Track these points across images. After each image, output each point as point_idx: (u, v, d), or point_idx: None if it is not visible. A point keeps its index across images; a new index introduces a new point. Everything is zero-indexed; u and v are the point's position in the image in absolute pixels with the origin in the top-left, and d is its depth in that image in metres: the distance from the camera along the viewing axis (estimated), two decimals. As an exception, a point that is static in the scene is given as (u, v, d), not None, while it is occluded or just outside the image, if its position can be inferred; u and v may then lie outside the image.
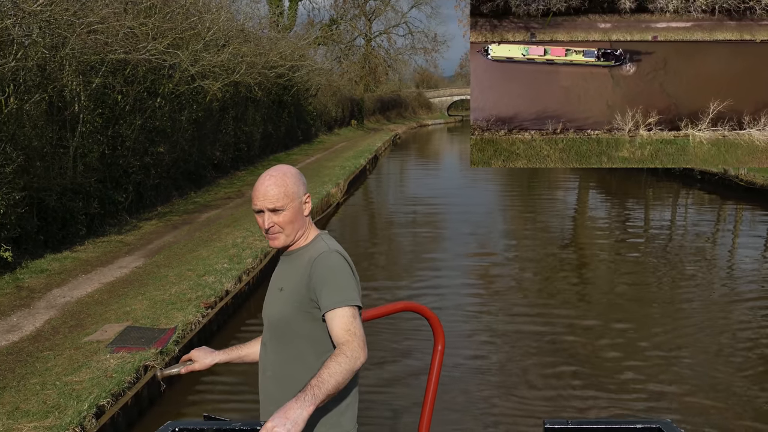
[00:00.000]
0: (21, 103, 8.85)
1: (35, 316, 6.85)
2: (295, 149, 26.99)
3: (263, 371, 2.29)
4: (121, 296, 7.39)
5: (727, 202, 16.04)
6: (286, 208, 2.17)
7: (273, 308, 2.25)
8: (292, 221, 2.20)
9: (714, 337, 7.01)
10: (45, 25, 8.53)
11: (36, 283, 7.97)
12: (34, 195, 9.26)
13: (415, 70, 62.63)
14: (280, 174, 2.20)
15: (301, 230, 2.25)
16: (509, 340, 7.04)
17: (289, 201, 2.18)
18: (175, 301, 7.00)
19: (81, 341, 5.92)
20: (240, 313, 7.75)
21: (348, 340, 1.99)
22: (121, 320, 6.45)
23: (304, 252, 2.24)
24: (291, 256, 2.27)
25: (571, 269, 10.21)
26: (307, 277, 2.13)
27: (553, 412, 5.27)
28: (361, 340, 2.00)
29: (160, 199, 13.91)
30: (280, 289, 2.24)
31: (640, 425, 2.59)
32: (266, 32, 23.40)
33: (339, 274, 2.11)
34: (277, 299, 2.24)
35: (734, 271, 9.93)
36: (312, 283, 2.11)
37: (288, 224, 2.19)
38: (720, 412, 5.41)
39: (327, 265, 2.12)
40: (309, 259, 2.17)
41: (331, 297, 2.07)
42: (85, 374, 5.15)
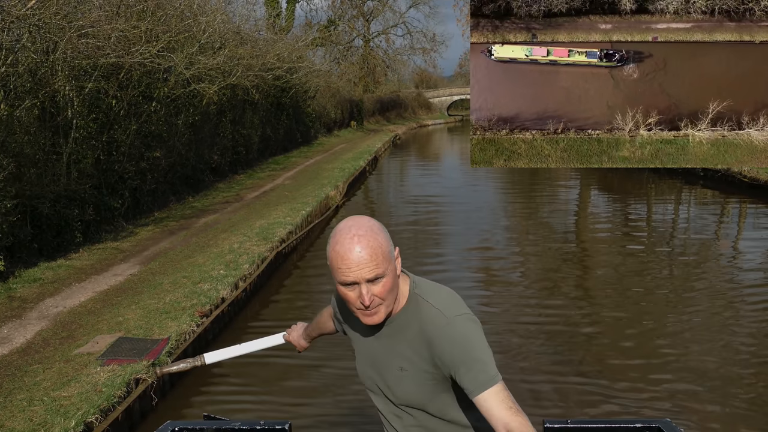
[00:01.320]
0: (11, 109, 8.69)
1: (26, 327, 6.69)
2: (294, 152, 26.83)
3: (405, 429, 1.99)
4: (114, 305, 7.23)
5: (731, 198, 15.88)
6: (386, 274, 1.76)
7: (403, 391, 1.91)
8: (392, 288, 1.79)
9: (718, 335, 6.88)
10: (35, 30, 8.37)
11: (28, 293, 7.81)
12: (26, 203, 9.10)
13: (414, 71, 62.56)
14: (369, 232, 1.75)
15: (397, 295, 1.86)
16: (510, 340, 6.95)
17: (388, 264, 1.76)
18: (169, 310, 6.84)
19: (71, 354, 5.75)
20: (236, 320, 7.59)
21: (514, 418, 1.74)
22: (113, 331, 6.28)
23: (407, 320, 1.87)
24: (390, 327, 1.90)
25: (573, 268, 10.09)
26: (431, 357, 1.82)
27: (553, 411, 5.21)
28: (522, 414, 1.77)
29: (157, 204, 13.75)
30: (400, 369, 1.89)
31: (640, 424, 2.58)
32: (263, 34, 23.24)
33: (475, 347, 1.79)
34: (403, 380, 1.90)
35: (739, 267, 9.78)
36: (444, 365, 1.80)
37: (389, 293, 1.79)
38: (723, 410, 5.31)
39: (457, 342, 1.78)
40: (423, 332, 1.82)
41: (477, 378, 1.76)
42: (74, 389, 4.99)
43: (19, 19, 7.89)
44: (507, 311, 7.88)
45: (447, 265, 10.17)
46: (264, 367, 6.15)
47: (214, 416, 2.68)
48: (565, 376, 5.97)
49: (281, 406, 5.53)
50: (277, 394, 5.80)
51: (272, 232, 10.74)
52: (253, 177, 19.33)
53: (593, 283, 9.26)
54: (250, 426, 2.53)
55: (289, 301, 8.65)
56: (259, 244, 9.95)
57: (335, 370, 6.10)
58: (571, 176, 21.52)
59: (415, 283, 1.91)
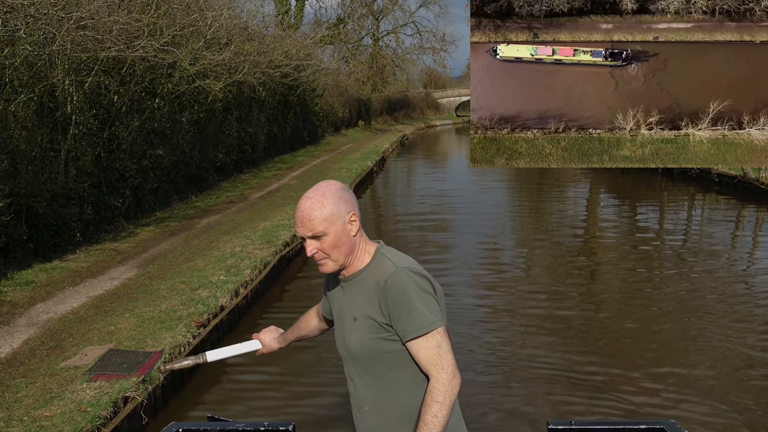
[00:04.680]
0: (6, 103, 8.33)
1: (14, 335, 6.32)
2: (300, 151, 26.46)
3: (358, 407, 2.17)
4: (107, 312, 6.85)
5: (748, 206, 15.42)
6: (327, 233, 2.01)
7: (351, 340, 2.09)
8: (336, 245, 2.02)
9: (726, 340, 6.81)
10: (31, 21, 8.00)
11: (19, 297, 7.45)
12: (21, 201, 8.74)
13: (423, 70, 62.04)
14: (318, 195, 2.02)
15: (352, 253, 2.07)
16: (514, 339, 6.92)
17: (329, 224, 2.00)
18: (165, 319, 6.45)
19: (57, 367, 5.37)
20: (236, 330, 7.19)
21: (435, 376, 1.95)
22: (104, 341, 5.90)
23: (367, 274, 2.07)
24: (353, 281, 2.11)
25: (581, 270, 9.91)
26: (379, 303, 2.00)
27: (557, 412, 5.19)
28: (448, 372, 1.95)
29: (160, 203, 13.38)
30: (353, 319, 2.07)
31: (644, 426, 2.58)
32: (271, 30, 22.87)
33: (413, 296, 1.96)
34: (353, 330, 2.08)
35: (752, 275, 9.54)
36: (386, 310, 1.98)
37: (332, 249, 2.03)
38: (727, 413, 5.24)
39: (399, 287, 1.97)
40: (377, 283, 2.01)
41: (409, 324, 1.95)
42: (56, 408, 4.61)
43: (15, 9, 7.53)
44: (512, 311, 7.82)
45: (453, 268, 9.77)
46: (268, 368, 6.08)
47: (218, 417, 2.70)
48: (570, 377, 5.94)
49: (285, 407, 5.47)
50: (280, 394, 5.73)
51: (276, 235, 10.36)
52: (259, 176, 18.96)
53: (601, 287, 9.19)
54: (254, 427, 2.54)
55: (292, 309, 8.26)
56: (262, 247, 9.57)
57: (339, 370, 5.77)
58: (581, 178, 21.12)
59: (383, 246, 2.14)
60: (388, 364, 2.03)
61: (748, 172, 16.93)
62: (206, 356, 2.67)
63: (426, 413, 1.93)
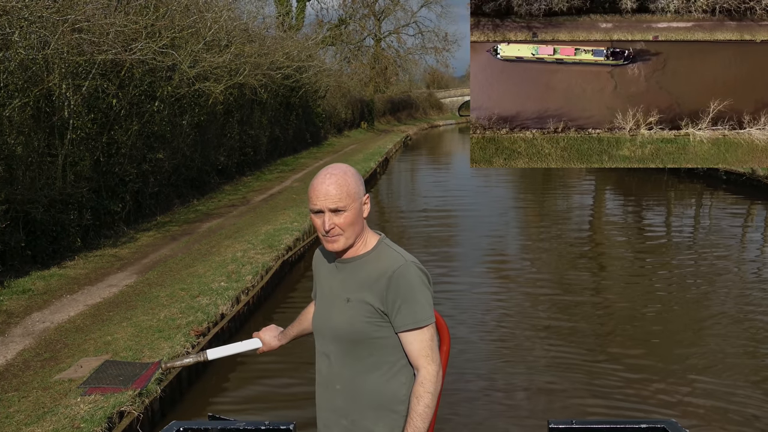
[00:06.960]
0: (1, 108, 8.17)
1: (8, 345, 6.16)
2: (303, 152, 26.29)
3: (327, 385, 2.19)
4: (105, 321, 6.68)
5: (756, 204, 15.20)
6: (348, 209, 2.05)
7: (340, 320, 2.11)
8: (353, 223, 2.08)
9: (729, 338, 6.81)
10: (25, 24, 7.83)
11: (16, 306, 7.29)
12: (18, 208, 8.58)
13: (426, 70, 61.67)
14: (340, 172, 2.07)
15: (360, 235, 2.13)
16: (517, 338, 6.89)
17: (351, 201, 2.05)
18: (163, 328, 6.28)
19: (51, 379, 5.20)
20: (237, 338, 7.02)
21: (426, 367, 2.04)
22: (100, 352, 5.73)
23: (368, 260, 2.12)
24: (352, 264, 2.14)
25: (588, 269, 9.87)
26: (383, 291, 2.04)
27: (558, 411, 5.19)
28: (437, 364, 2.06)
29: (160, 207, 13.22)
30: (346, 300, 2.10)
31: (645, 425, 2.60)
32: (272, 32, 22.70)
33: (419, 291, 2.05)
34: (344, 311, 2.10)
35: (757, 274, 9.41)
36: (389, 298, 2.04)
37: (349, 226, 2.07)
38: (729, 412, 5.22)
39: (406, 280, 2.04)
40: (383, 272, 2.06)
41: (408, 316, 2.03)
42: (48, 424, 4.43)
43: (8, 12, 7.36)
44: (517, 311, 7.80)
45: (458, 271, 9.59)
46: (268, 367, 6.07)
47: (219, 416, 2.70)
48: (571, 377, 5.91)
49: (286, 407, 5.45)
50: (280, 394, 5.70)
51: (278, 239, 10.18)
52: (261, 179, 18.80)
53: (606, 285, 9.17)
54: (255, 426, 2.56)
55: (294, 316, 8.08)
56: (263, 252, 9.40)
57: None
58: (587, 177, 20.93)
59: (385, 237, 2.20)
60: (370, 348, 2.08)
61: (756, 170, 16.70)
62: (207, 354, 2.67)
63: (419, 404, 2.01)
